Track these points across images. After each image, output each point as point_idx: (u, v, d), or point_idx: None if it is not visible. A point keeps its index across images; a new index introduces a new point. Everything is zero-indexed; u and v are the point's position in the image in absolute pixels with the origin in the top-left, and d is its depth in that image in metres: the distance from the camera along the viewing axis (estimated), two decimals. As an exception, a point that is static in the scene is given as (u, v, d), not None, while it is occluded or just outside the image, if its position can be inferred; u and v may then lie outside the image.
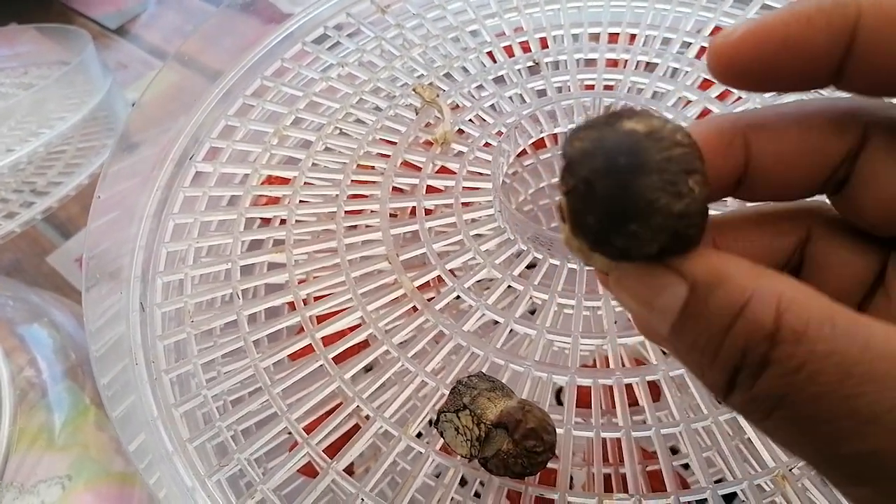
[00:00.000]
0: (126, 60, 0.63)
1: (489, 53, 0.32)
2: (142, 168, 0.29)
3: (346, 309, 0.24)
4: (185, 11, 0.68)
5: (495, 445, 0.19)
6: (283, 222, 0.28)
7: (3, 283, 0.43)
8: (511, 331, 0.24)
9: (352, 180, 0.28)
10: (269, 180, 0.30)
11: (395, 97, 0.31)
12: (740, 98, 0.28)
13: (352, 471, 0.27)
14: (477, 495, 0.22)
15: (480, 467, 0.20)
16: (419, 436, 0.22)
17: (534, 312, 0.25)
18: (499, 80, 0.31)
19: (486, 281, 0.26)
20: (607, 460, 0.23)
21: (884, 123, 0.13)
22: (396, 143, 0.29)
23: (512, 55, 0.32)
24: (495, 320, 0.24)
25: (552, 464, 0.21)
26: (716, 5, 0.31)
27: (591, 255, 0.12)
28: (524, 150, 0.32)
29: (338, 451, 0.22)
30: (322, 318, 0.25)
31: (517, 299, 0.24)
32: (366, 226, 0.27)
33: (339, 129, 0.30)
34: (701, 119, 0.14)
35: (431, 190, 0.28)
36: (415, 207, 0.27)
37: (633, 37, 0.32)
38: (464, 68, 0.32)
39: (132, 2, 0.68)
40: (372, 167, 0.29)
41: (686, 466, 0.28)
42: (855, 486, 0.11)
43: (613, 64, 0.31)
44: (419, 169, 0.28)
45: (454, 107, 0.30)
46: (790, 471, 0.20)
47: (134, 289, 0.26)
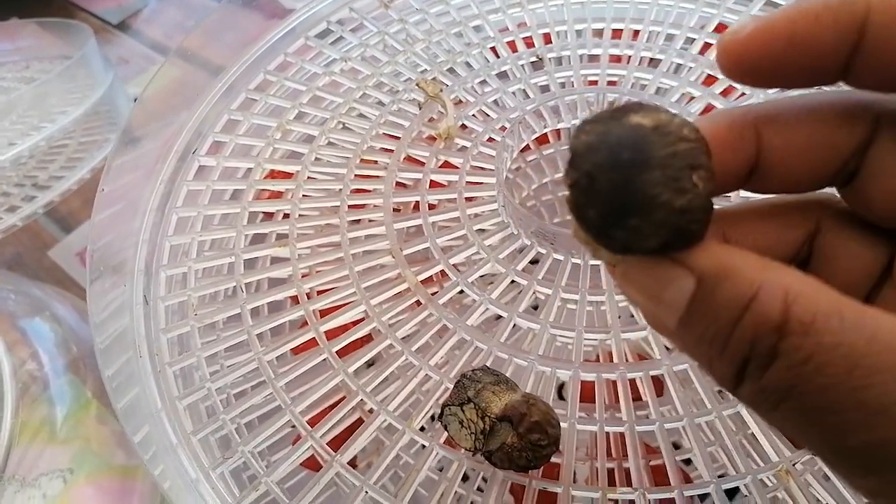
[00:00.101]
0: (127, 55, 0.63)
1: (492, 49, 0.32)
2: (145, 162, 0.29)
3: (350, 303, 0.24)
4: (186, 7, 0.68)
5: (500, 439, 0.19)
6: (286, 216, 0.28)
7: (4, 276, 0.43)
8: (514, 326, 0.24)
9: (355, 175, 0.28)
10: (271, 174, 0.30)
11: (398, 92, 0.31)
12: (744, 94, 0.28)
13: (354, 465, 0.27)
14: (480, 490, 0.22)
15: (484, 461, 0.20)
16: (422, 430, 0.22)
17: (536, 308, 0.25)
18: (502, 75, 0.31)
19: (490, 276, 0.26)
20: (611, 455, 0.23)
21: (894, 116, 0.13)
22: (400, 138, 0.29)
23: (515, 50, 0.32)
24: (499, 315, 0.24)
25: (555, 458, 0.21)
26: (719, 2, 0.31)
27: (598, 248, 0.12)
28: (527, 145, 0.32)
29: (341, 444, 0.22)
30: (325, 313, 0.25)
31: (521, 294, 0.24)
32: (369, 220, 0.27)
33: (343, 124, 0.30)
34: (712, 112, 0.14)
35: (435, 185, 0.28)
36: (418, 202, 0.27)
37: (636, 33, 0.32)
38: (467, 63, 0.32)
39: (133, -3, 0.68)
40: (375, 162, 0.29)
41: (687, 462, 0.28)
42: (862, 478, 0.11)
43: (617, 60, 0.31)
44: (422, 164, 0.28)
45: (457, 102, 0.30)
46: (793, 466, 0.20)
47: (137, 282, 0.26)
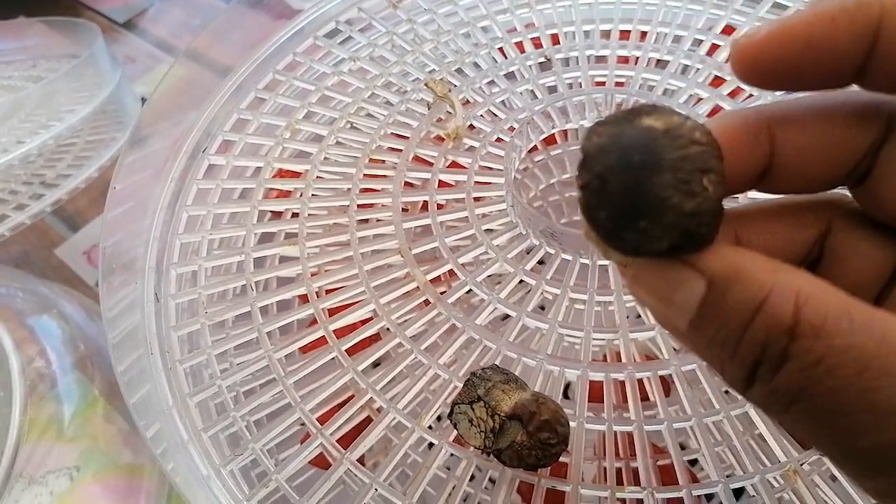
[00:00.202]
0: (134, 54, 0.63)
1: (500, 49, 0.32)
2: (155, 160, 0.29)
3: (359, 302, 0.25)
4: (191, 6, 0.69)
5: (509, 437, 0.19)
6: (294, 215, 0.28)
7: (12, 274, 0.43)
8: (523, 325, 0.24)
9: (364, 174, 0.28)
10: (280, 173, 0.30)
11: (406, 92, 0.31)
12: (752, 95, 0.28)
13: (362, 464, 0.27)
14: (487, 488, 0.22)
15: (493, 459, 0.20)
16: (430, 429, 0.22)
17: (543, 309, 0.25)
18: (510, 75, 0.31)
19: (497, 276, 0.26)
20: (618, 455, 0.23)
21: None
22: (408, 138, 0.29)
23: (523, 51, 0.32)
24: (507, 314, 0.24)
25: (564, 458, 0.21)
26: (727, 3, 0.32)
27: (608, 249, 0.12)
28: (535, 146, 0.32)
29: (350, 443, 0.22)
30: (334, 311, 0.25)
31: (529, 294, 0.24)
32: (377, 220, 0.27)
33: (351, 124, 0.30)
34: (725, 112, 0.14)
35: (443, 185, 0.28)
36: (426, 202, 0.27)
37: (644, 34, 0.32)
38: (475, 64, 0.32)
39: (140, -4, 0.68)
40: (383, 161, 0.29)
41: (693, 463, 0.28)
42: (871, 479, 0.11)
43: (624, 61, 0.31)
44: (431, 164, 0.28)
45: (465, 102, 0.30)
46: (801, 466, 0.20)
47: (148, 279, 0.26)
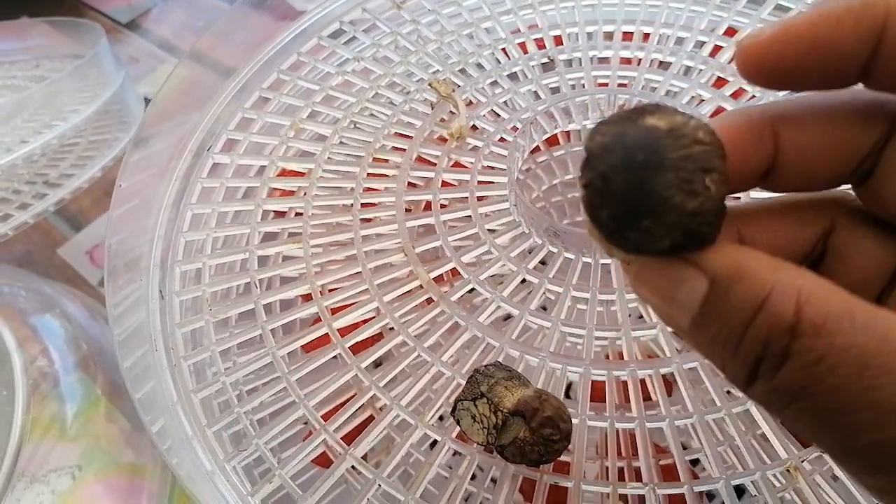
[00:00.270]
0: (137, 55, 0.63)
1: (504, 50, 0.32)
2: (160, 159, 0.29)
3: (362, 300, 0.25)
4: (195, 7, 0.69)
5: (512, 433, 0.19)
6: (298, 214, 0.28)
7: (15, 273, 0.43)
8: (525, 324, 0.24)
9: (367, 174, 0.28)
10: (284, 172, 0.30)
11: (410, 92, 0.31)
12: (754, 96, 0.28)
13: (365, 460, 0.27)
14: (489, 488, 0.22)
15: (495, 456, 0.20)
16: (433, 426, 0.22)
17: (545, 308, 0.25)
18: (513, 76, 0.32)
19: (499, 276, 0.26)
20: (621, 455, 0.23)
21: None
22: (412, 138, 0.29)
23: (526, 52, 0.32)
24: (509, 314, 0.24)
25: (566, 456, 0.21)
26: (729, 5, 0.32)
27: (611, 248, 0.12)
28: (537, 146, 0.32)
29: (353, 440, 0.22)
30: (337, 310, 0.25)
31: (532, 292, 0.24)
32: (381, 219, 0.27)
33: (355, 123, 0.30)
34: (730, 111, 0.14)
35: (446, 184, 0.28)
36: (429, 201, 0.27)
37: (647, 35, 0.32)
38: (479, 64, 0.32)
39: (143, -4, 0.68)
40: (387, 161, 0.29)
41: (695, 463, 0.29)
42: (872, 477, 0.11)
43: (627, 62, 0.31)
44: (434, 164, 0.28)
45: (469, 102, 0.30)
46: (802, 462, 0.20)
47: (153, 277, 0.26)
